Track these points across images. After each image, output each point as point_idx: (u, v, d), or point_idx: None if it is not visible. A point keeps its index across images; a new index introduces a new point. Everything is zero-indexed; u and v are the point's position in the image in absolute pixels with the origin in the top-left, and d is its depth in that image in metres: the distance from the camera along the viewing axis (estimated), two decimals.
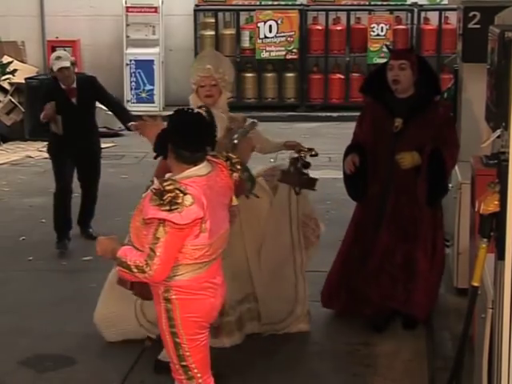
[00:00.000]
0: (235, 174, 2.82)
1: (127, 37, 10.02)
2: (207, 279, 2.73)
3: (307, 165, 3.75)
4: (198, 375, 2.76)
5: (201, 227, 2.62)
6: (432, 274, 3.93)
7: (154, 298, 2.77)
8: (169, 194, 2.55)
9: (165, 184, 2.58)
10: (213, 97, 3.59)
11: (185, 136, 2.63)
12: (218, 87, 3.61)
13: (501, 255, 2.46)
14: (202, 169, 2.68)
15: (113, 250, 2.70)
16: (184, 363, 2.74)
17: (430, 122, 3.79)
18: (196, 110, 2.74)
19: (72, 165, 5.35)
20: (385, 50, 9.61)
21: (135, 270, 2.62)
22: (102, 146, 5.70)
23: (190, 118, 2.69)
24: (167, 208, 2.55)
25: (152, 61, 9.99)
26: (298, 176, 3.76)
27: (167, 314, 2.71)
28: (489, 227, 2.53)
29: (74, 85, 5.21)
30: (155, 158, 2.75)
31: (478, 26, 4.31)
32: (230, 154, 2.88)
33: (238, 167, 2.84)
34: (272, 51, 9.90)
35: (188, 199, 2.57)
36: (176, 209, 2.55)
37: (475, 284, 2.70)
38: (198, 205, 2.59)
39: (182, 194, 2.56)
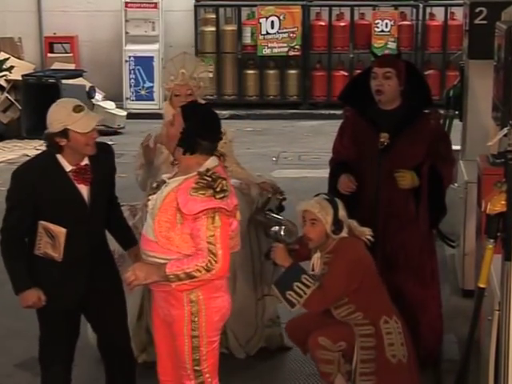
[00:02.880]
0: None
1: (126, 33, 9.98)
2: (223, 274, 2.75)
3: (281, 209, 3.64)
4: (209, 380, 2.75)
5: (236, 214, 2.68)
6: (433, 305, 3.56)
7: (174, 303, 2.69)
8: (219, 182, 2.57)
9: (210, 173, 2.59)
10: None
11: (211, 127, 2.69)
12: (193, 97, 3.47)
13: (508, 256, 2.47)
14: (214, 160, 2.70)
15: (158, 270, 2.62)
16: (198, 368, 2.72)
17: (420, 137, 3.42)
18: (205, 102, 2.88)
19: (74, 323, 3.02)
20: (390, 46, 9.58)
21: (199, 274, 2.58)
22: None
23: (209, 109, 2.77)
24: (221, 196, 2.57)
25: (151, 57, 9.94)
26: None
27: (191, 318, 2.67)
28: (495, 227, 2.49)
29: (86, 160, 2.88)
30: (184, 154, 2.70)
31: (484, 22, 4.24)
32: (223, 151, 2.88)
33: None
34: (274, 48, 9.82)
35: (228, 186, 2.62)
36: (226, 196, 2.59)
37: (481, 285, 2.66)
38: (232, 192, 2.67)
39: (224, 181, 2.60)
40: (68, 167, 2.85)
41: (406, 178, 3.37)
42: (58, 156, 2.85)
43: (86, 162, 2.88)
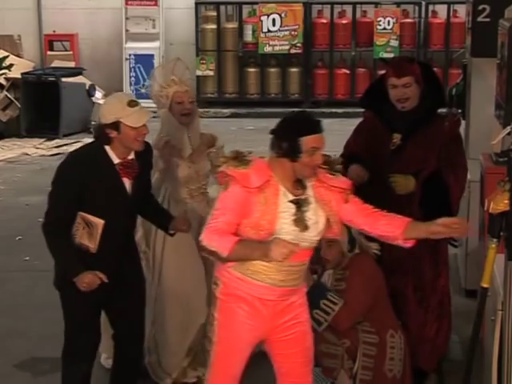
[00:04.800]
0: None
1: (126, 30, 9.95)
2: None
3: None
4: None
5: None
6: (427, 316, 3.41)
7: (303, 301, 2.79)
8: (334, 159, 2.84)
9: (327, 160, 2.75)
10: (190, 115, 3.42)
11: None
12: (194, 104, 3.44)
13: (511, 256, 2.47)
14: None
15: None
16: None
17: (433, 140, 3.34)
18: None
19: (97, 311, 3.08)
20: (392, 44, 9.54)
21: None
22: None
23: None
24: None
25: (152, 55, 9.91)
26: None
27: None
28: (498, 227, 2.48)
29: (132, 155, 2.96)
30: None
31: (487, 20, 4.22)
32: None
33: None
34: (275, 45, 9.77)
35: None
36: None
37: (485, 285, 2.63)
38: None
39: None
40: (116, 160, 2.91)
41: (399, 183, 3.28)
42: (107, 148, 2.90)
43: (132, 156, 2.94)
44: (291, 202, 2.60)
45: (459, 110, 4.70)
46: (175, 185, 3.44)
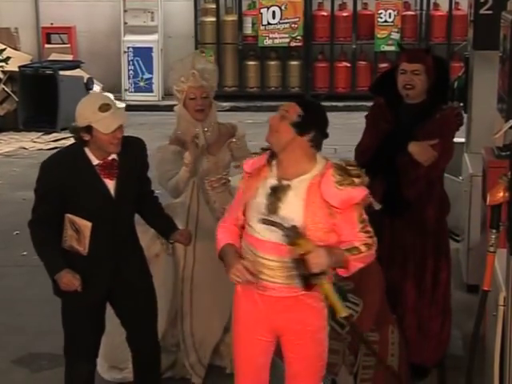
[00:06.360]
0: None
1: (125, 23, 9.91)
2: None
3: None
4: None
5: None
6: (431, 310, 3.40)
7: (314, 305, 2.58)
8: (355, 171, 2.52)
9: (347, 163, 2.55)
10: (204, 111, 3.40)
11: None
12: (209, 99, 3.42)
13: None
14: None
15: (332, 253, 2.47)
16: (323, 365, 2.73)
17: (433, 132, 3.30)
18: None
19: (100, 312, 3.02)
20: (393, 37, 9.49)
21: (364, 249, 2.52)
22: None
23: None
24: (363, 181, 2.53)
25: (151, 48, 9.88)
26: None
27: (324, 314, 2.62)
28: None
29: (114, 155, 2.89)
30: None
31: (489, 12, 4.20)
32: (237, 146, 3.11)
33: None
34: (275, 38, 9.72)
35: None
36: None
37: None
38: None
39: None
40: (95, 161, 2.85)
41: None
42: (86, 149, 2.85)
43: (113, 156, 2.86)
44: (271, 188, 2.52)
45: (461, 104, 4.68)
46: (199, 177, 3.44)
